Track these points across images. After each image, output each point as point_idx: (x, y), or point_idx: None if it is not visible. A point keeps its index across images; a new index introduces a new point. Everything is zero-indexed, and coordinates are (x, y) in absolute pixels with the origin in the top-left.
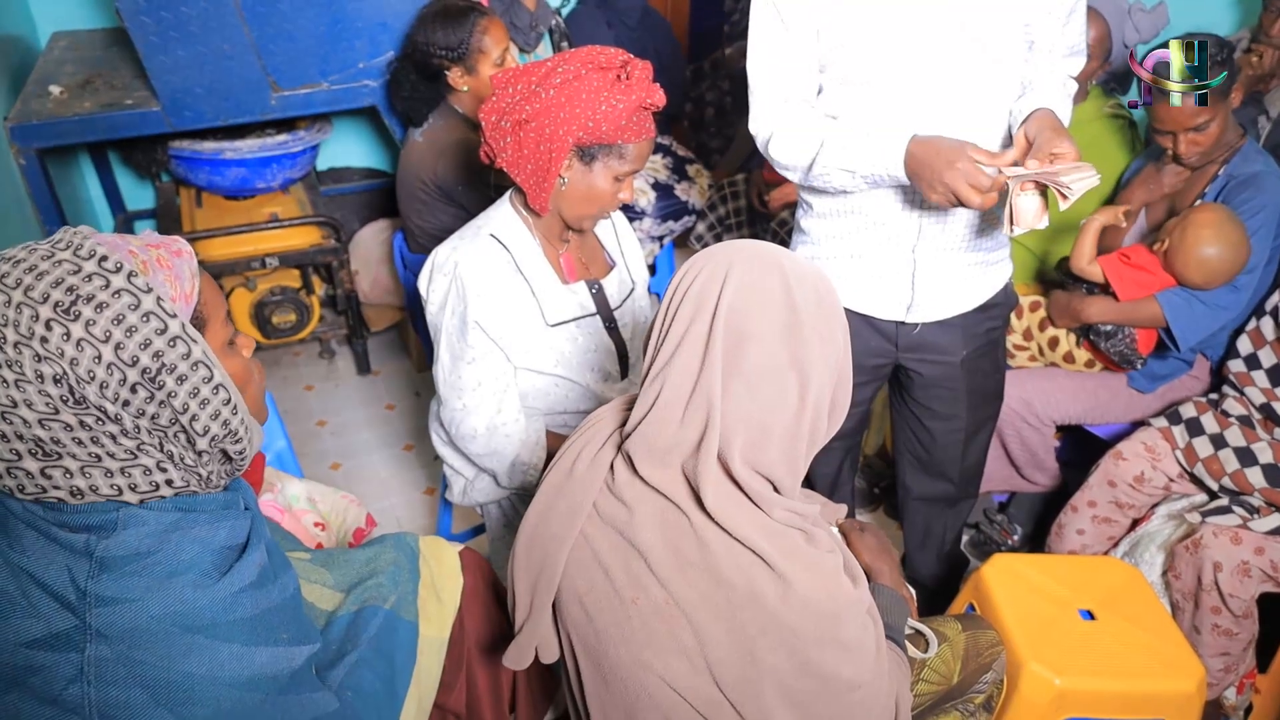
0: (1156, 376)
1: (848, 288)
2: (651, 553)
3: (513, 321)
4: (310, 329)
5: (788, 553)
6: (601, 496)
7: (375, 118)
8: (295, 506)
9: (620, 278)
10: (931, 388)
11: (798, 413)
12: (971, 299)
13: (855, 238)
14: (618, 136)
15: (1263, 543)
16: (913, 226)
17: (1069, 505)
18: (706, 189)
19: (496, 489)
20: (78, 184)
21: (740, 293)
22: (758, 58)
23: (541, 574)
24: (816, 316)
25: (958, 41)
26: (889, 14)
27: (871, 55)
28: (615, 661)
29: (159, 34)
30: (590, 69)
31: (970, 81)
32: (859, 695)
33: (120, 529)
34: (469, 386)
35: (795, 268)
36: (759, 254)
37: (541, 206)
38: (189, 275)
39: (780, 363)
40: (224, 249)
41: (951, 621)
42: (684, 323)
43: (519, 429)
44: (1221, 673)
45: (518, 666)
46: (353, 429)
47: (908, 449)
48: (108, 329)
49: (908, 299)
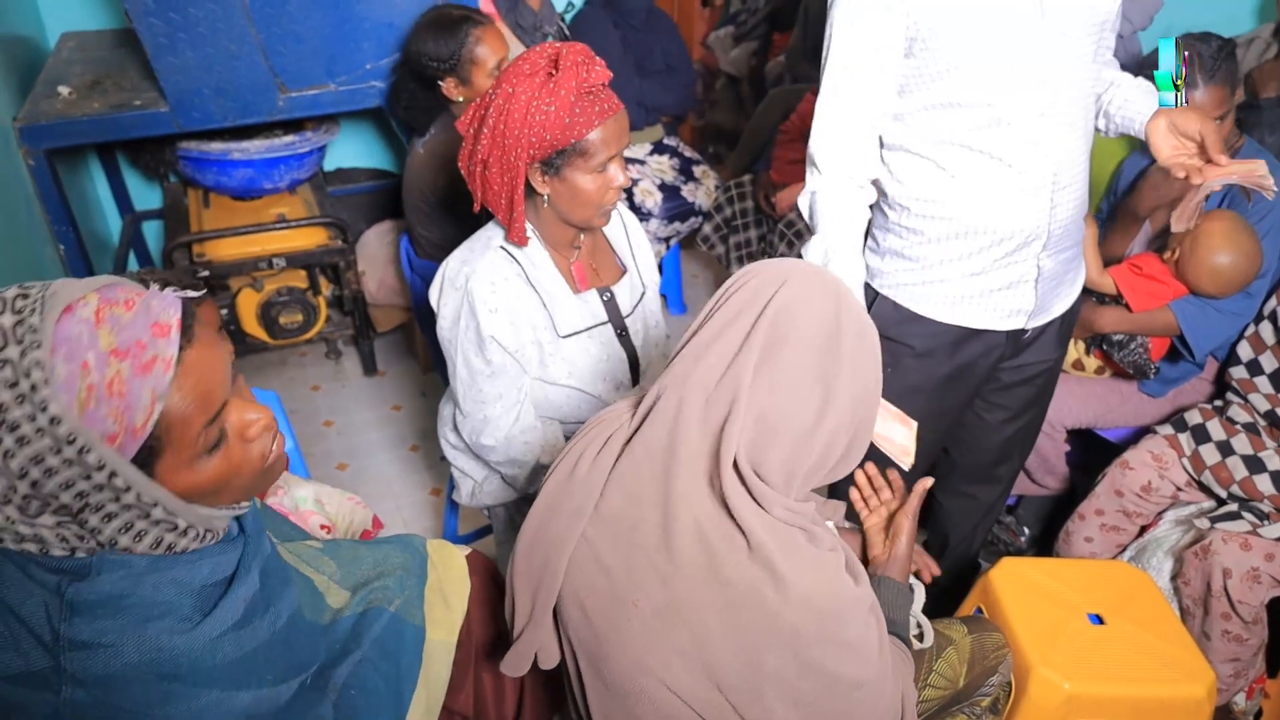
0: (1169, 380)
1: (967, 307)
2: (653, 552)
3: (526, 334)
4: (317, 329)
5: (789, 551)
6: (604, 499)
7: (382, 119)
8: (302, 508)
9: (631, 282)
10: (1014, 388)
11: (811, 429)
12: (1075, 290)
13: (980, 256)
14: (569, 136)
15: (1273, 549)
16: (1042, 232)
17: (1076, 513)
18: (713, 190)
19: (505, 492)
20: (86, 185)
21: (793, 300)
22: (840, 60)
23: (543, 577)
24: (857, 347)
25: (1056, 17)
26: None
27: (965, 28)
28: (616, 665)
29: (167, 35)
30: (519, 81)
31: (1070, 62)
32: (862, 694)
33: (94, 573)
34: (490, 399)
35: (850, 298)
36: (818, 274)
37: (519, 239)
38: (147, 401)
39: (810, 375)
40: (231, 249)
41: (957, 625)
42: (730, 314)
43: (537, 436)
44: (1231, 678)
45: (516, 673)
46: (359, 429)
47: (964, 454)
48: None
49: (1031, 305)
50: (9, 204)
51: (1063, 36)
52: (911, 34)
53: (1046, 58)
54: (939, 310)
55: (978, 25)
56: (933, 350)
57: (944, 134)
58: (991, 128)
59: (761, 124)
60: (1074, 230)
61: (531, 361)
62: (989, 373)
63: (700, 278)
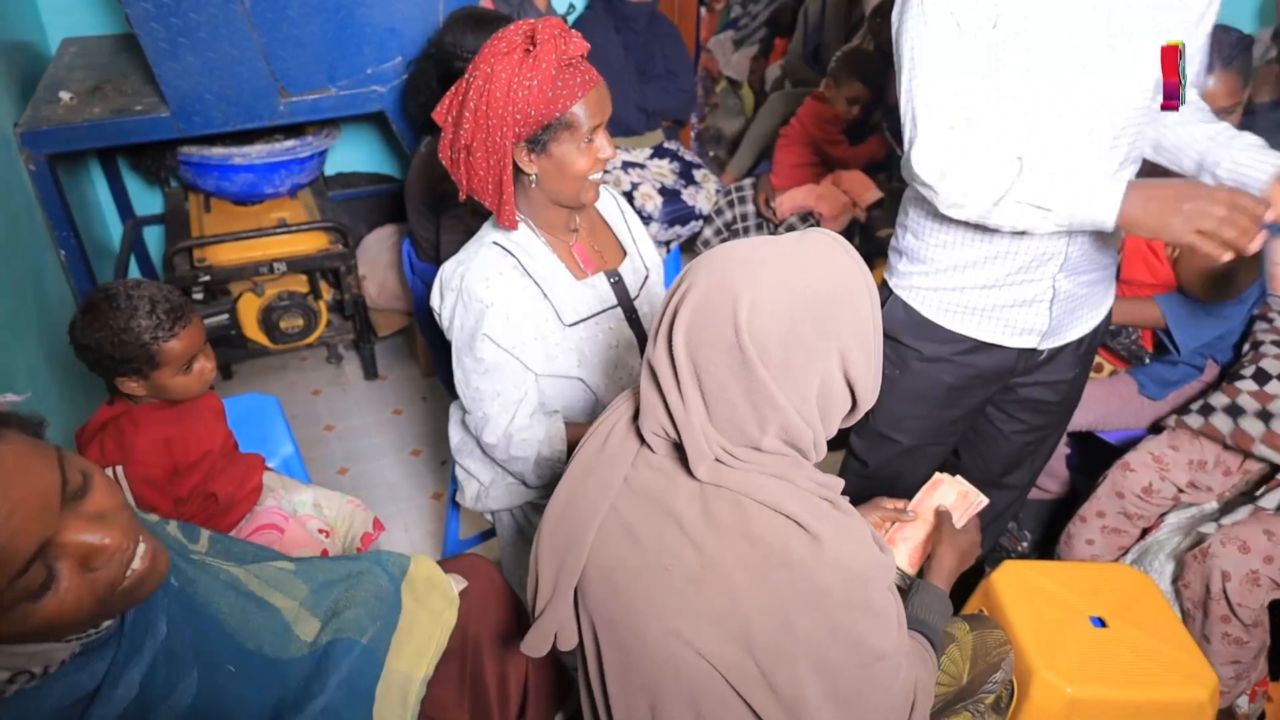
0: (1168, 383)
1: (977, 320)
2: (685, 517)
3: (526, 328)
4: (318, 334)
5: (819, 515)
6: (634, 470)
7: (383, 123)
8: (301, 512)
9: (634, 265)
10: (1031, 403)
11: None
12: (1097, 315)
13: (990, 267)
14: (552, 110)
15: (1272, 551)
16: (1059, 253)
17: (1077, 515)
18: (714, 194)
19: (511, 495)
20: (87, 190)
21: (691, 323)
22: (927, 75)
23: (568, 552)
24: (766, 350)
25: (1143, 19)
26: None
27: (1053, 36)
28: (642, 634)
29: (168, 40)
30: (497, 60)
31: (1120, 89)
32: (883, 667)
33: None
34: (487, 397)
35: (758, 290)
36: (720, 274)
37: (509, 223)
38: None
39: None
40: (232, 254)
41: (959, 622)
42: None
43: (534, 434)
44: (1233, 680)
45: (537, 653)
46: (360, 434)
47: (975, 459)
48: None
49: (1044, 326)
50: (10, 209)
51: (1117, 60)
52: (1000, 57)
53: (1095, 75)
54: (949, 319)
55: (1042, 30)
56: (940, 358)
57: (1001, 136)
58: (1019, 138)
59: (762, 128)
60: (1098, 256)
61: (534, 358)
62: (1000, 386)
63: None
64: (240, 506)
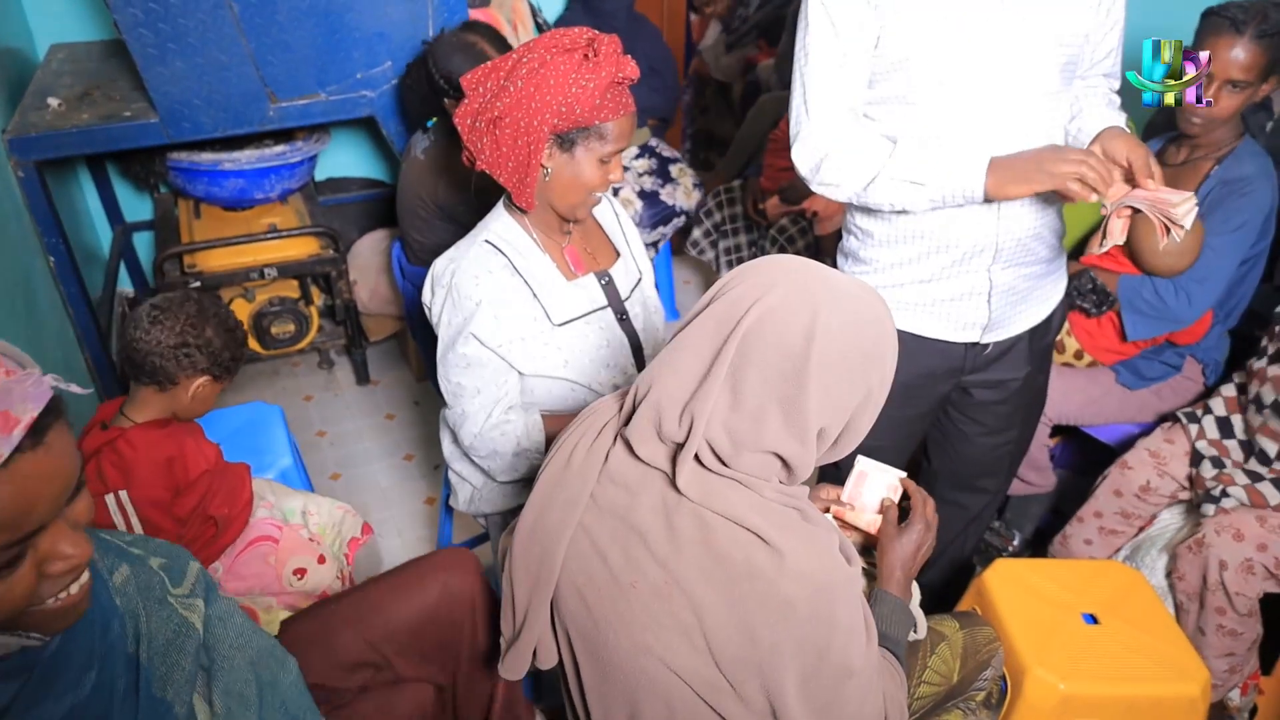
0: (1143, 376)
1: (919, 315)
2: (650, 533)
3: (514, 327)
4: (309, 339)
5: (783, 527)
6: (599, 486)
7: (373, 128)
8: (292, 520)
9: (627, 266)
10: (989, 405)
11: (773, 444)
12: (1042, 310)
13: (926, 262)
14: (594, 117)
15: (1266, 539)
16: (989, 245)
17: (1075, 516)
18: (691, 188)
19: (504, 499)
20: (76, 196)
21: (768, 314)
22: (814, 69)
23: (541, 568)
24: (829, 366)
25: (1026, 53)
26: (957, 23)
27: (934, 67)
28: (615, 650)
29: (157, 46)
30: (555, 53)
31: (1035, 97)
32: (854, 685)
33: None
34: (467, 393)
35: (830, 312)
36: (804, 288)
37: (527, 203)
38: None
39: (772, 396)
40: (222, 260)
41: (949, 620)
42: (710, 324)
43: (512, 428)
44: (1226, 674)
45: (515, 676)
46: (352, 439)
47: (945, 462)
48: None
49: (984, 319)
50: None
51: (1022, 52)
52: (880, 23)
53: (1001, 68)
54: (894, 316)
55: (935, 17)
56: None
57: (894, 134)
58: (937, 133)
59: (752, 131)
60: (1035, 247)
61: (520, 358)
62: (953, 384)
63: (692, 283)
64: (235, 523)
